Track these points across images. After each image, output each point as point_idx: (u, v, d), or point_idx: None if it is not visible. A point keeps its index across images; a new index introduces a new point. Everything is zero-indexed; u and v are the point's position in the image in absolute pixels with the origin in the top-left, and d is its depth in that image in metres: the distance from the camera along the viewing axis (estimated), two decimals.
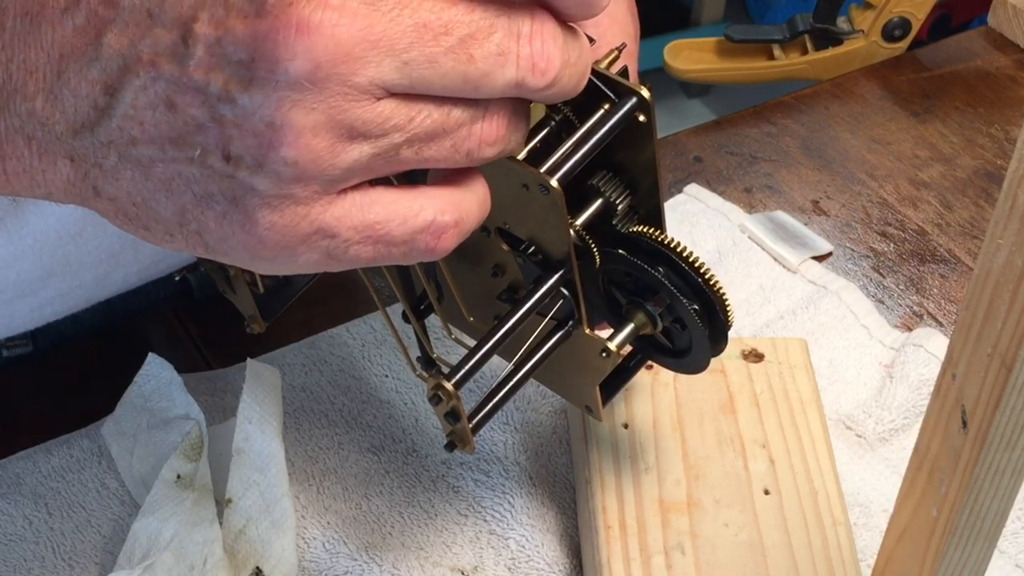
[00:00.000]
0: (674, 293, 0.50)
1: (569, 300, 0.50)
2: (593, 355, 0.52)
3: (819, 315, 0.74)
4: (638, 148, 0.50)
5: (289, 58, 0.36)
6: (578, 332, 0.51)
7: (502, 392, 0.50)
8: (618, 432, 0.62)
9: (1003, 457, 0.43)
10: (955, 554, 0.47)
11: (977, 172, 0.86)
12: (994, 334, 0.40)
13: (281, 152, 0.37)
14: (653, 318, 0.52)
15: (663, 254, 0.50)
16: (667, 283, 0.50)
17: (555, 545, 0.62)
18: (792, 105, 0.91)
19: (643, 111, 0.48)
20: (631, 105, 0.47)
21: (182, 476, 0.61)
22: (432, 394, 0.47)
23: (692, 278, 0.50)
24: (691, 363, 0.54)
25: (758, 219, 0.80)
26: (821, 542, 0.58)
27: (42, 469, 0.64)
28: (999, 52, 0.96)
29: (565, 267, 0.49)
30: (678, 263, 0.50)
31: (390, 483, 0.64)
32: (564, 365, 0.53)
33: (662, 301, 0.51)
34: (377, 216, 0.39)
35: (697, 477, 0.60)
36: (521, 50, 0.38)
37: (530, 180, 0.45)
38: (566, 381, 0.56)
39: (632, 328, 0.52)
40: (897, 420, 0.68)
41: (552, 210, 0.46)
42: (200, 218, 0.38)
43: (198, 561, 0.58)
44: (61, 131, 0.38)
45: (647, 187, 0.51)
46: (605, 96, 0.47)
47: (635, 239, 0.51)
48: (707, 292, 0.50)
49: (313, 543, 0.62)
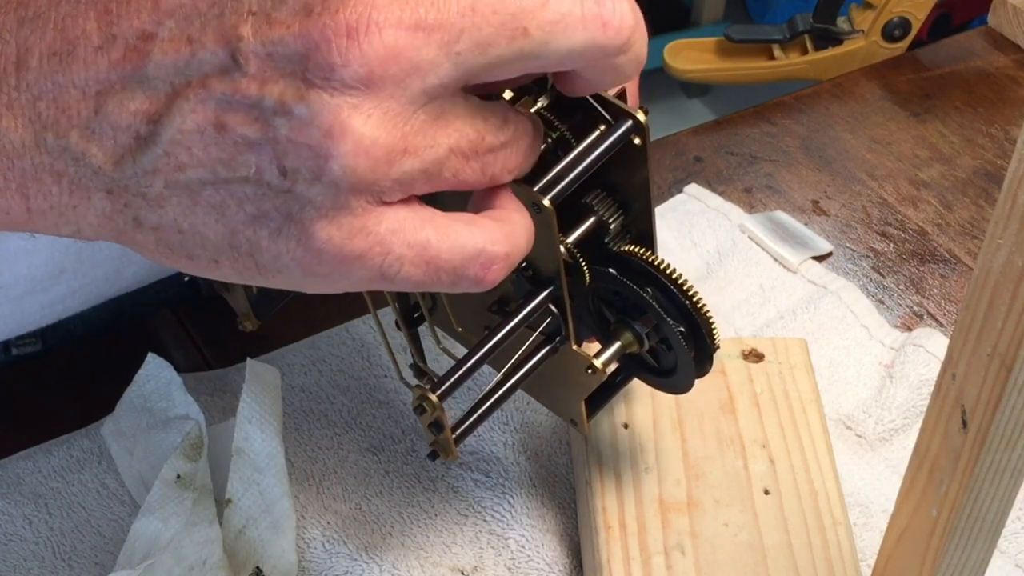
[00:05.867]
0: (661, 314, 0.51)
1: (557, 316, 0.50)
2: (579, 371, 0.52)
3: (819, 315, 0.74)
4: (632, 169, 0.50)
5: (343, 64, 0.35)
6: (565, 348, 0.51)
7: (487, 404, 0.51)
8: (618, 432, 0.62)
9: (1003, 457, 0.43)
10: (955, 554, 0.47)
11: (977, 172, 0.86)
12: (994, 334, 0.40)
13: (340, 161, 0.36)
14: (640, 337, 0.52)
15: (652, 275, 0.51)
16: (655, 304, 0.50)
17: (555, 545, 0.62)
18: (792, 105, 0.91)
19: (639, 135, 0.48)
20: (626, 128, 0.47)
21: (182, 476, 0.61)
22: (416, 404, 0.47)
23: (680, 300, 0.51)
24: (676, 383, 0.54)
25: (758, 219, 0.80)
26: (821, 542, 0.58)
27: (42, 469, 0.64)
28: (999, 52, 0.96)
29: (555, 284, 0.49)
30: (666, 284, 0.51)
31: (390, 483, 0.64)
32: (551, 379, 0.54)
33: (650, 321, 0.52)
34: (430, 237, 0.39)
35: (697, 477, 0.60)
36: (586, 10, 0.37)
37: (524, 198, 0.45)
38: (553, 394, 0.56)
39: (618, 346, 0.52)
40: (897, 420, 0.68)
41: (544, 228, 0.46)
42: (252, 238, 0.38)
43: (198, 561, 0.58)
44: (99, 164, 0.38)
45: (640, 208, 0.52)
46: (601, 117, 0.48)
47: (625, 259, 0.51)
48: (694, 314, 0.51)
49: (313, 543, 0.62)
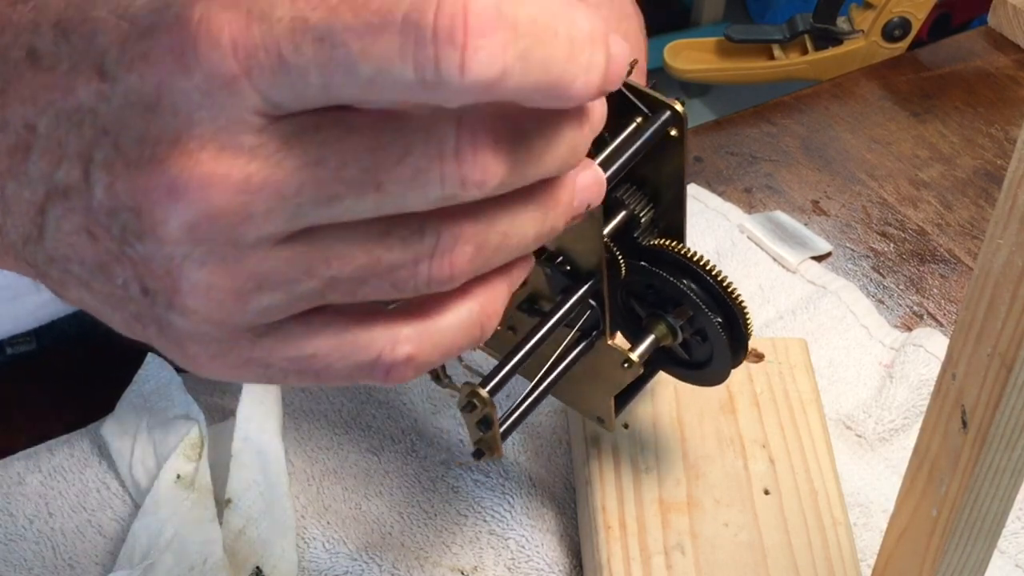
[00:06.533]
0: (699, 305, 0.51)
1: (595, 310, 0.50)
2: (612, 366, 0.52)
3: (819, 315, 0.74)
4: (665, 161, 0.50)
5: (163, 220, 0.33)
6: (600, 343, 0.51)
7: (529, 400, 0.50)
8: (618, 432, 0.62)
9: (1003, 457, 0.43)
10: (955, 554, 0.47)
11: (977, 172, 0.86)
12: (994, 334, 0.40)
13: (184, 300, 0.35)
14: (674, 329, 0.52)
15: (688, 267, 0.51)
16: (692, 295, 0.51)
17: (555, 545, 0.62)
18: (792, 105, 0.91)
19: (676, 126, 0.48)
20: (665, 119, 0.47)
21: (182, 476, 0.61)
22: (466, 402, 0.46)
23: (716, 291, 0.51)
24: (709, 375, 0.54)
25: (757, 219, 0.80)
26: (821, 542, 0.58)
27: (43, 469, 0.64)
28: (999, 52, 0.96)
29: (595, 277, 0.48)
30: (702, 275, 0.51)
31: (390, 483, 0.64)
32: (579, 376, 0.53)
33: (684, 313, 0.52)
34: (315, 349, 0.36)
35: (697, 477, 0.60)
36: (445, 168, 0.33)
37: None
38: (580, 392, 0.56)
39: (653, 339, 0.52)
40: (897, 420, 0.68)
41: (590, 222, 0.45)
42: (143, 333, 0.38)
43: (198, 561, 0.58)
44: (14, 239, 0.37)
45: (670, 200, 0.51)
46: (637, 110, 0.47)
47: (658, 251, 0.51)
48: (730, 304, 0.51)
49: (313, 543, 0.62)
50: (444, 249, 0.35)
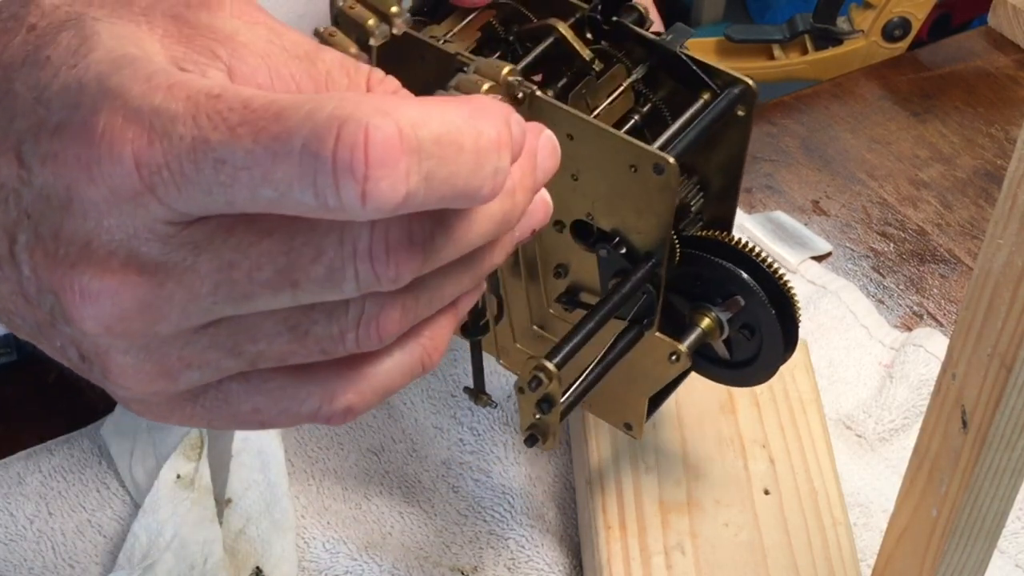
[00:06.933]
0: (758, 296, 0.48)
1: (649, 297, 0.47)
2: (655, 360, 0.50)
3: (819, 315, 0.74)
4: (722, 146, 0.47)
5: (79, 319, 0.33)
6: (648, 335, 0.49)
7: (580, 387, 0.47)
8: (618, 433, 0.62)
9: (1003, 457, 0.43)
10: (955, 554, 0.47)
11: (977, 172, 0.86)
12: (994, 334, 0.40)
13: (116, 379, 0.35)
14: (721, 324, 0.50)
15: (745, 257, 0.49)
16: (751, 287, 0.48)
17: (555, 545, 0.62)
18: (792, 105, 0.91)
19: (745, 104, 0.45)
20: (737, 94, 0.45)
21: (182, 476, 0.61)
22: (532, 376, 0.43)
23: (773, 282, 0.49)
24: (754, 372, 0.52)
25: (757, 219, 0.80)
26: (821, 542, 0.58)
27: (43, 469, 0.64)
28: (999, 52, 0.96)
29: (657, 256, 0.46)
30: (760, 266, 0.48)
31: (390, 483, 0.64)
32: (613, 377, 0.50)
33: (735, 305, 0.49)
34: (255, 405, 0.36)
35: (697, 477, 0.60)
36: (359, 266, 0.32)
37: (643, 159, 0.41)
38: (611, 395, 0.53)
39: (700, 332, 0.50)
40: (897, 420, 0.68)
41: (662, 191, 0.42)
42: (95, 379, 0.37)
43: (199, 560, 0.58)
44: None
45: (720, 189, 0.49)
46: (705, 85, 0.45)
47: (707, 241, 0.49)
48: (786, 297, 0.49)
49: (313, 543, 0.62)
50: (370, 317, 0.34)
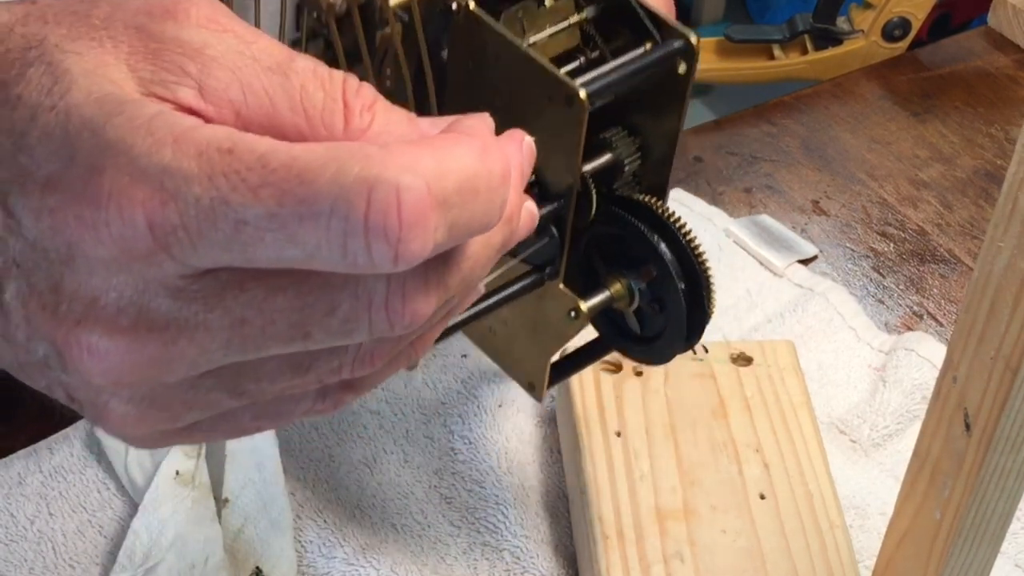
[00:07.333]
0: (668, 268, 0.47)
1: (553, 241, 0.46)
2: (558, 315, 0.48)
3: (807, 318, 0.74)
4: (664, 109, 0.46)
5: (87, 373, 0.33)
6: (550, 285, 0.47)
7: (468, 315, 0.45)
8: (611, 440, 0.61)
9: (1008, 459, 0.43)
10: (960, 556, 0.47)
11: (977, 172, 0.86)
12: (997, 337, 0.40)
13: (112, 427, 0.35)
14: (632, 292, 0.48)
15: (665, 225, 0.47)
16: (664, 256, 0.46)
17: (550, 555, 0.61)
18: (792, 105, 0.91)
19: (687, 59, 0.43)
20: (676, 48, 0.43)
21: (181, 472, 0.61)
22: None
23: (689, 258, 0.47)
24: (657, 351, 0.50)
25: (743, 223, 0.80)
26: (819, 546, 0.58)
27: (43, 469, 0.64)
28: (999, 52, 0.96)
29: (564, 199, 0.44)
30: (678, 238, 0.46)
31: (383, 495, 0.64)
32: (517, 328, 0.49)
33: (648, 274, 0.47)
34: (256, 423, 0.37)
35: (692, 484, 0.60)
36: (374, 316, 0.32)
37: (556, 90, 0.40)
38: (515, 349, 0.51)
39: (607, 296, 0.48)
40: (891, 425, 0.68)
41: (571, 127, 0.41)
42: None
43: (200, 560, 0.58)
44: None
45: (660, 156, 0.48)
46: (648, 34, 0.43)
47: (635, 203, 0.47)
48: (699, 276, 0.47)
49: (310, 546, 0.61)
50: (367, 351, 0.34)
